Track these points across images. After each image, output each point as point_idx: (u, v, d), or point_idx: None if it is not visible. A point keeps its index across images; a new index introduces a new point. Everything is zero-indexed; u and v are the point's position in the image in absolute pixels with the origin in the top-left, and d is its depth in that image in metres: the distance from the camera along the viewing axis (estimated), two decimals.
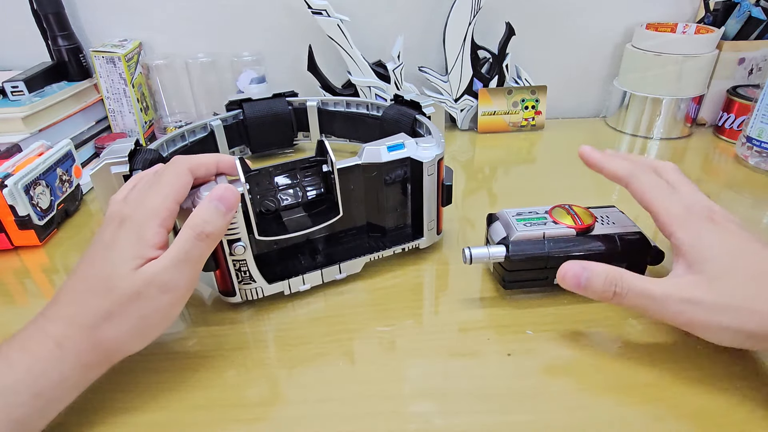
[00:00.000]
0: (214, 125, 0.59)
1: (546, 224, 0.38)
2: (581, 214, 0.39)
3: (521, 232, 0.38)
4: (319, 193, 0.41)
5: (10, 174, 0.47)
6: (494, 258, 0.38)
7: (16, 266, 0.48)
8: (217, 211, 0.33)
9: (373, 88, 0.73)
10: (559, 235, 0.38)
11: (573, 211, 0.40)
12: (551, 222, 0.39)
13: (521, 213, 0.40)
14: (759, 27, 0.69)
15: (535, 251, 0.37)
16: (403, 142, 0.41)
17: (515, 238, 0.38)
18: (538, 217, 0.39)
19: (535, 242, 0.38)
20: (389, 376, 0.34)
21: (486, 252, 0.38)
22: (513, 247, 0.37)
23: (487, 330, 0.37)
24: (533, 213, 0.40)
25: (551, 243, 0.38)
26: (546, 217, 0.39)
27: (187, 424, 0.31)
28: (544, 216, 0.39)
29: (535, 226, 0.38)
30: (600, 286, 0.32)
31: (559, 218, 0.39)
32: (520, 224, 0.38)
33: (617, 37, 0.76)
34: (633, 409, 0.31)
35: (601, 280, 0.32)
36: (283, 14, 0.72)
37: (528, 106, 0.74)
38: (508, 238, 0.38)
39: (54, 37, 0.67)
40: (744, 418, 0.30)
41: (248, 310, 0.40)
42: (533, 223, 0.39)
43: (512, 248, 0.37)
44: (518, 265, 0.38)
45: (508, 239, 0.38)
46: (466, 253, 0.38)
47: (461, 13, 0.68)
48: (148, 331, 0.32)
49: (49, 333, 0.29)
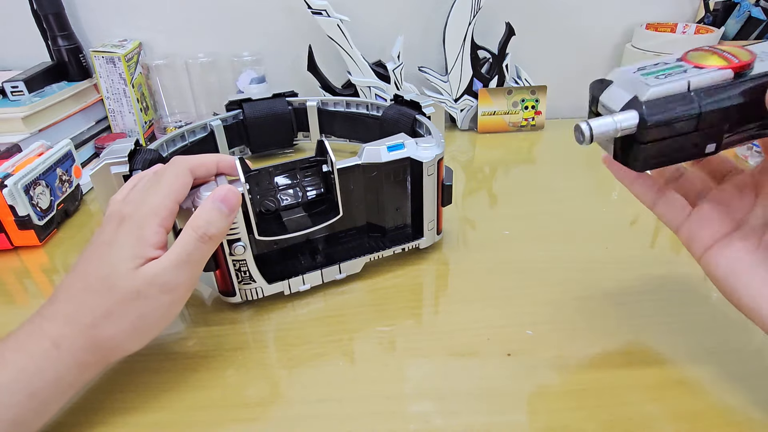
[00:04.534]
0: (214, 125, 0.59)
1: (687, 71, 0.27)
2: (732, 50, 0.28)
3: (656, 87, 0.26)
4: (319, 193, 0.41)
5: (10, 174, 0.47)
6: (624, 129, 0.26)
7: (16, 266, 0.48)
8: (220, 212, 0.33)
9: (373, 88, 0.73)
10: (710, 83, 0.26)
11: (716, 48, 0.28)
12: (692, 68, 0.27)
13: (644, 67, 0.28)
14: (759, 27, 0.69)
15: (682, 111, 0.26)
16: (403, 142, 0.41)
17: (651, 96, 0.26)
18: (672, 67, 0.28)
19: (680, 98, 0.26)
20: (389, 376, 0.34)
21: (612, 122, 0.26)
22: (649, 109, 0.26)
23: (487, 330, 0.37)
24: (660, 64, 0.28)
25: (702, 95, 0.26)
26: (683, 64, 0.28)
27: (187, 424, 0.31)
28: (681, 64, 0.28)
29: (672, 77, 0.27)
30: None
31: (703, 61, 0.27)
32: (651, 78, 0.27)
33: (617, 37, 0.76)
34: (634, 409, 0.31)
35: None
36: (283, 14, 0.72)
37: (528, 106, 0.74)
38: (637, 99, 0.26)
39: (54, 37, 0.67)
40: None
41: (248, 310, 0.40)
42: (669, 74, 0.27)
43: (648, 111, 0.26)
44: (658, 133, 0.26)
45: (639, 100, 0.26)
46: (584, 128, 0.26)
47: (461, 13, 0.68)
48: (147, 331, 0.32)
49: (45, 332, 0.29)
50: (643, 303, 0.39)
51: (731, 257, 0.29)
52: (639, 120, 0.26)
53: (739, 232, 0.29)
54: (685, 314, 0.38)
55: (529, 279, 0.43)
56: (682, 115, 0.26)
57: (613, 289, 0.41)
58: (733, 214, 0.30)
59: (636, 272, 0.43)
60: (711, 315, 0.37)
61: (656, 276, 0.42)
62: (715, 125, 0.26)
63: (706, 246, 0.30)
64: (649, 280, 0.42)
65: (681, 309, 0.38)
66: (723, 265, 0.29)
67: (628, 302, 0.39)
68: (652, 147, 0.27)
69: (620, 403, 0.31)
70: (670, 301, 0.39)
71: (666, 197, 0.32)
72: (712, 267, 0.29)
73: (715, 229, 0.30)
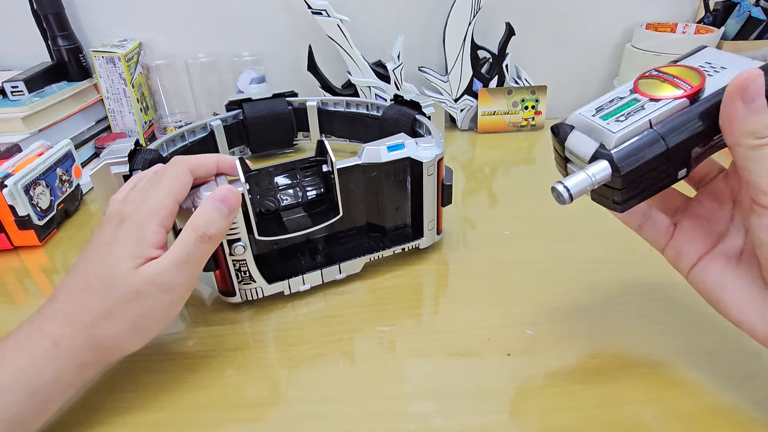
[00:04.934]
0: (214, 125, 0.59)
1: (645, 107, 0.27)
2: (681, 75, 0.28)
3: (620, 132, 0.26)
4: (319, 193, 0.41)
5: (10, 174, 0.47)
6: (599, 180, 0.27)
7: (16, 266, 0.48)
8: (220, 212, 0.33)
9: (373, 88, 0.73)
10: (669, 114, 0.27)
11: (666, 74, 0.28)
12: (648, 102, 0.27)
13: (602, 108, 0.29)
14: (759, 27, 0.69)
15: (651, 152, 0.26)
16: (403, 142, 0.41)
17: (617, 143, 0.26)
18: (628, 103, 0.28)
19: (646, 139, 0.26)
20: (389, 376, 0.34)
21: (586, 178, 0.26)
22: (619, 156, 0.26)
23: (487, 330, 0.37)
24: (615, 100, 0.29)
25: (664, 130, 0.26)
26: (638, 97, 0.28)
27: (187, 424, 0.31)
28: (635, 98, 0.28)
29: (632, 117, 0.27)
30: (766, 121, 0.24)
31: (656, 92, 0.28)
32: (612, 122, 0.27)
33: (617, 37, 0.76)
34: (633, 409, 0.31)
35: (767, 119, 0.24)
36: (283, 14, 0.72)
37: (528, 106, 0.74)
38: (605, 147, 0.27)
39: (54, 37, 0.67)
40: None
41: (248, 310, 0.40)
42: (627, 113, 0.27)
43: (618, 159, 0.26)
44: (632, 177, 0.27)
45: (606, 148, 0.27)
46: (561, 190, 0.26)
47: (461, 13, 0.68)
48: (147, 331, 0.32)
49: (45, 331, 0.29)
50: (643, 303, 0.39)
51: (716, 272, 0.29)
52: (612, 170, 0.26)
53: (721, 245, 0.29)
54: (685, 314, 0.38)
55: (529, 279, 0.43)
56: (650, 156, 0.26)
57: (614, 289, 0.41)
58: (715, 226, 0.30)
59: (636, 272, 0.43)
60: (711, 316, 0.37)
61: (656, 276, 0.42)
62: (683, 153, 0.27)
63: (692, 263, 0.30)
64: (649, 280, 0.42)
65: (681, 309, 0.38)
66: (709, 281, 0.29)
67: (628, 302, 0.39)
68: (627, 190, 0.27)
69: (620, 403, 0.31)
70: (670, 302, 0.39)
71: (651, 220, 0.32)
72: (699, 283, 0.30)
73: (698, 245, 0.30)
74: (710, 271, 0.29)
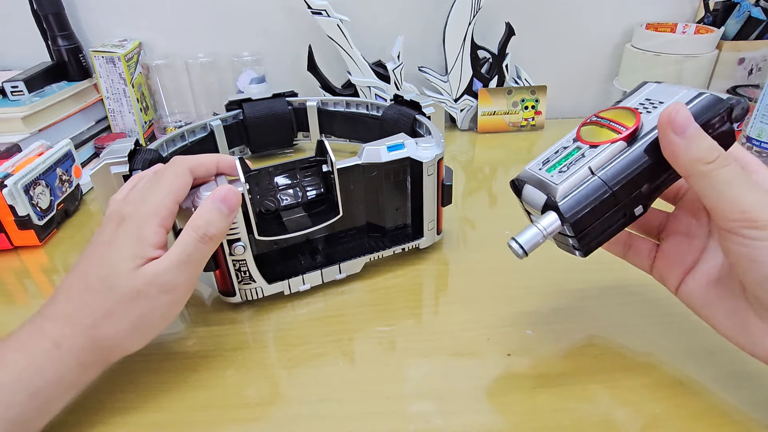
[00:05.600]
0: (213, 125, 0.59)
1: (585, 154, 0.28)
2: (617, 118, 0.29)
3: (562, 183, 0.28)
4: (319, 193, 0.41)
5: (10, 174, 0.47)
6: (551, 232, 0.28)
7: (16, 266, 0.48)
8: (220, 212, 0.33)
9: (373, 88, 0.73)
10: (608, 159, 0.28)
11: (604, 119, 0.29)
12: (588, 149, 0.28)
13: (548, 160, 0.30)
14: (759, 27, 0.69)
15: (595, 197, 0.27)
16: (403, 142, 0.41)
17: (561, 194, 0.28)
18: (570, 152, 0.29)
19: (590, 186, 0.27)
20: (389, 376, 0.34)
21: (537, 232, 0.28)
22: (566, 207, 0.27)
23: (487, 330, 0.37)
24: (560, 150, 0.30)
25: (606, 174, 0.27)
26: (580, 145, 0.29)
27: (187, 424, 0.31)
28: (577, 146, 0.29)
29: (573, 166, 0.28)
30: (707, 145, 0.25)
31: (595, 138, 0.29)
32: (555, 174, 0.28)
33: (617, 37, 0.76)
34: (634, 409, 0.31)
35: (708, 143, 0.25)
36: (283, 14, 0.72)
37: (528, 106, 0.74)
38: (551, 198, 0.28)
39: (54, 37, 0.67)
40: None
41: (248, 310, 0.40)
42: (569, 163, 0.29)
43: (565, 209, 0.27)
44: (584, 223, 0.28)
45: (553, 199, 0.28)
46: (515, 246, 0.28)
47: (461, 13, 0.68)
48: (147, 331, 0.32)
49: (46, 332, 0.29)
50: (643, 303, 0.39)
51: (700, 289, 0.30)
52: (561, 220, 0.28)
53: (702, 263, 0.30)
54: (685, 314, 0.38)
55: (529, 279, 0.43)
56: (597, 201, 0.27)
57: (614, 289, 0.41)
58: (695, 242, 0.30)
59: (636, 272, 0.43)
60: None
61: None
62: (632, 192, 0.27)
63: (677, 283, 0.31)
64: (649, 279, 0.42)
65: (681, 309, 0.38)
66: (695, 297, 0.30)
67: (628, 302, 0.39)
68: (583, 237, 0.28)
69: (620, 403, 0.31)
70: (671, 302, 0.39)
71: (632, 249, 0.34)
72: (686, 300, 0.31)
73: (680, 266, 0.31)
74: (694, 291, 0.30)
